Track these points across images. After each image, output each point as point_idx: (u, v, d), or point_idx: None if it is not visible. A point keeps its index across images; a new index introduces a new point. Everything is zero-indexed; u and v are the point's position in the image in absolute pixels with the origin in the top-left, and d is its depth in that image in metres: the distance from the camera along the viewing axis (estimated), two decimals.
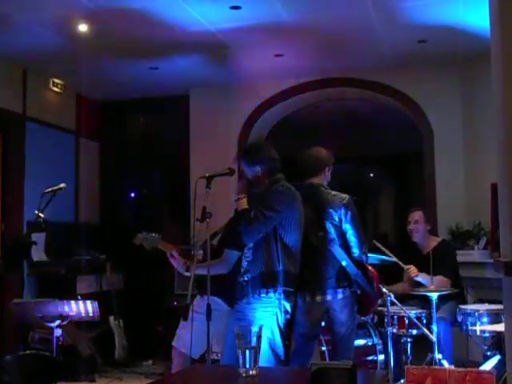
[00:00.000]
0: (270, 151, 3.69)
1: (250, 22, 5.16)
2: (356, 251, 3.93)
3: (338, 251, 3.88)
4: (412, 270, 4.73)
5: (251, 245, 3.50)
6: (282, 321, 3.45)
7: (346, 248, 3.92)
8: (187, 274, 3.73)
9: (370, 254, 4.60)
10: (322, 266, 3.89)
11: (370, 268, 4.11)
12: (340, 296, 3.87)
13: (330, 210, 3.91)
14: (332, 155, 4.13)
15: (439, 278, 4.62)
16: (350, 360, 2.36)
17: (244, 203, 3.58)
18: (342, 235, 3.91)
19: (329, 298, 3.87)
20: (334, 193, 3.99)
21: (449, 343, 4.74)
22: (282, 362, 3.43)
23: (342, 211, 3.89)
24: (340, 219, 3.89)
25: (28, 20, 5.03)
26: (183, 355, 3.88)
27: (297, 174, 4.07)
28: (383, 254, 4.59)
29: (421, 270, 4.72)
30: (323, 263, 3.89)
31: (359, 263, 3.93)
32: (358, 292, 3.94)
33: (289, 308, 3.48)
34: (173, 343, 4.00)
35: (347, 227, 3.90)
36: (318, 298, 3.88)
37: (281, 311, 3.44)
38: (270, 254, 3.45)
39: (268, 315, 3.43)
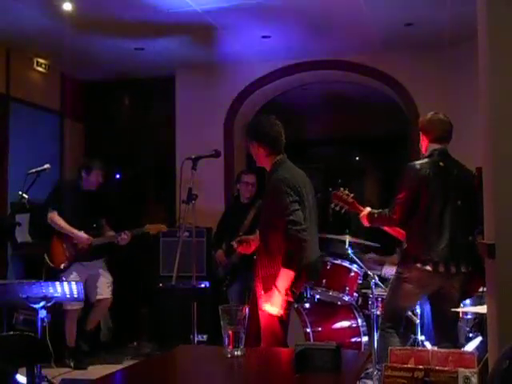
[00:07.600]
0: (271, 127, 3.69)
1: (237, 2, 5.11)
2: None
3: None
4: None
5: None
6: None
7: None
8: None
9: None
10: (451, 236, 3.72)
11: None
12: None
13: (464, 180, 3.76)
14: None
15: None
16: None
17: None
18: (470, 208, 3.71)
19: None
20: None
21: None
22: (280, 343, 3.40)
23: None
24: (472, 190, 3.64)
25: None
26: None
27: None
28: None
29: None
30: (457, 232, 3.73)
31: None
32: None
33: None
34: None
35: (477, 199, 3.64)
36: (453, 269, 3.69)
37: None
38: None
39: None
